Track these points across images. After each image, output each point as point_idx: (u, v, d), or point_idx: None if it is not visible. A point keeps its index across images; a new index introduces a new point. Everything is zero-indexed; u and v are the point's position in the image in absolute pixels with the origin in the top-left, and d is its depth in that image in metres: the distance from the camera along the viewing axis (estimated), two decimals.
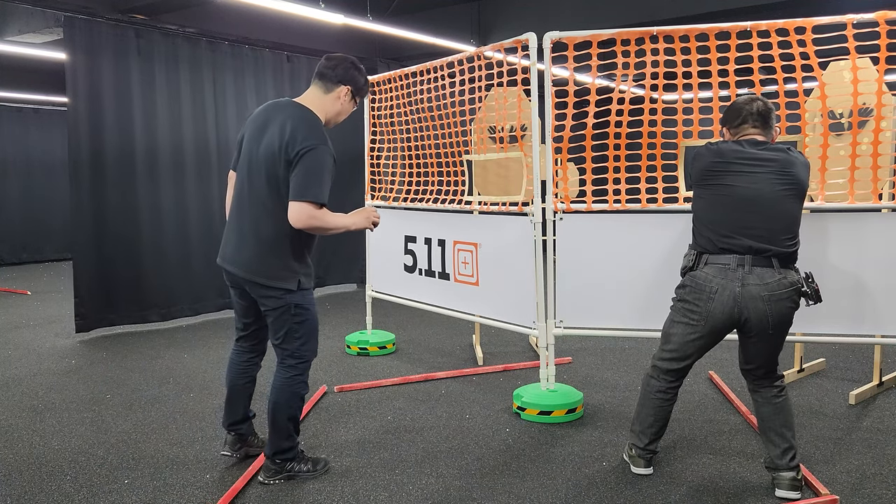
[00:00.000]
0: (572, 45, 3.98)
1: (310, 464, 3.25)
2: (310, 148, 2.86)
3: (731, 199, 2.94)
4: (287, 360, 3.12)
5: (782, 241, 2.91)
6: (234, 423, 3.36)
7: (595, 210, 4.07)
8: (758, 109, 3.02)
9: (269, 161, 2.93)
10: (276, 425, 3.11)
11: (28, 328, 6.55)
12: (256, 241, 2.99)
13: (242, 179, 3.06)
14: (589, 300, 4.07)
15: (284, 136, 2.90)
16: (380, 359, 5.37)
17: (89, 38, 6.02)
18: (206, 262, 6.92)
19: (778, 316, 2.90)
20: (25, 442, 3.70)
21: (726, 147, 3.01)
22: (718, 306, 2.92)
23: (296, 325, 3.08)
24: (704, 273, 2.96)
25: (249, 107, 7.25)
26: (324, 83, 3.10)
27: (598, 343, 5.78)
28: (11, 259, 11.28)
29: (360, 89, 3.17)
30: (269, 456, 3.15)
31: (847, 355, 5.27)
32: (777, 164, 2.93)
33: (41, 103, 11.43)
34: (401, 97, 5.26)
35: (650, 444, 3.21)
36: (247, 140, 3.08)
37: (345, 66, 3.13)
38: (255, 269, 3.00)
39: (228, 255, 3.09)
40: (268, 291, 3.01)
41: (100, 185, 6.15)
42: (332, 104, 3.10)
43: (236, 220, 3.07)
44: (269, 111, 3.06)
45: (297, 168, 2.86)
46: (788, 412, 3.03)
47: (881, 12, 3.50)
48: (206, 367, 5.14)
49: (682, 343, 3.06)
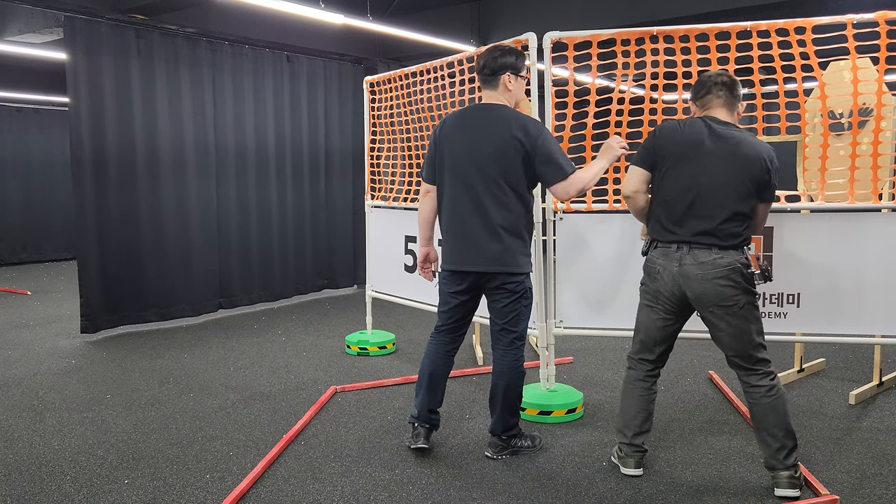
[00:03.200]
0: (572, 45, 3.99)
1: (529, 440, 3.50)
2: (541, 135, 3.18)
3: (679, 186, 3.02)
4: (514, 342, 3.34)
5: (726, 226, 2.96)
6: (432, 410, 3.49)
7: (595, 210, 4.08)
8: (722, 81, 3.07)
9: (502, 160, 3.17)
10: (507, 404, 3.37)
11: (28, 328, 6.55)
12: (504, 234, 3.22)
13: (464, 185, 3.25)
14: (589, 300, 4.07)
15: (515, 135, 3.15)
16: (380, 359, 5.37)
17: (89, 38, 6.02)
18: (207, 262, 6.93)
19: (713, 295, 2.95)
20: (25, 442, 3.70)
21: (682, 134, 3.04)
22: (663, 285, 3.06)
23: (525, 308, 3.33)
24: (652, 256, 3.13)
25: (248, 107, 7.25)
26: (490, 84, 3.31)
27: (598, 343, 5.78)
28: (11, 259, 11.28)
29: (517, 66, 3.30)
30: (499, 433, 3.42)
31: (847, 355, 5.27)
32: (725, 149, 2.97)
33: (41, 103, 11.43)
34: (401, 97, 5.26)
35: (636, 438, 3.20)
36: (454, 150, 3.29)
37: (493, 58, 3.28)
38: (506, 260, 3.23)
39: (472, 258, 3.27)
40: (511, 278, 3.25)
41: (102, 185, 6.15)
42: (507, 95, 3.31)
43: (466, 223, 3.26)
44: (471, 119, 3.29)
45: (543, 154, 3.16)
46: (779, 412, 2.98)
47: (881, 12, 3.50)
48: (206, 367, 5.14)
49: (647, 327, 3.18)
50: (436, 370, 3.47)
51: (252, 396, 4.43)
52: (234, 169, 7.19)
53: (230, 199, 7.17)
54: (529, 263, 3.32)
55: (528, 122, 3.21)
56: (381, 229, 5.51)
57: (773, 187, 3.03)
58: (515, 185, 3.21)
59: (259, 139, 7.38)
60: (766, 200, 3.06)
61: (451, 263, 3.34)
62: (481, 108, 3.32)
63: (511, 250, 3.23)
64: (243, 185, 7.28)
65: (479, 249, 3.25)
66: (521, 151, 3.17)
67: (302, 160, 7.88)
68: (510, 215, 3.22)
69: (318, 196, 8.14)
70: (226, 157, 7.10)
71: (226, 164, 7.10)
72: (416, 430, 3.47)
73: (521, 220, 3.26)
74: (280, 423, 3.93)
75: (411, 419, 3.53)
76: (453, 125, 3.34)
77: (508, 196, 3.21)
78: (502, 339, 3.34)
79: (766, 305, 3.83)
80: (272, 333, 6.27)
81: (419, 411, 3.48)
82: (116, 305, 6.28)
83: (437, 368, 3.47)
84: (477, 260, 3.26)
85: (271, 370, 5.05)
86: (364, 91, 5.68)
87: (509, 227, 3.23)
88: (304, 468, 3.34)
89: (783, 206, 3.79)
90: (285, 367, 5.13)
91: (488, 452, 3.44)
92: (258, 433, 3.79)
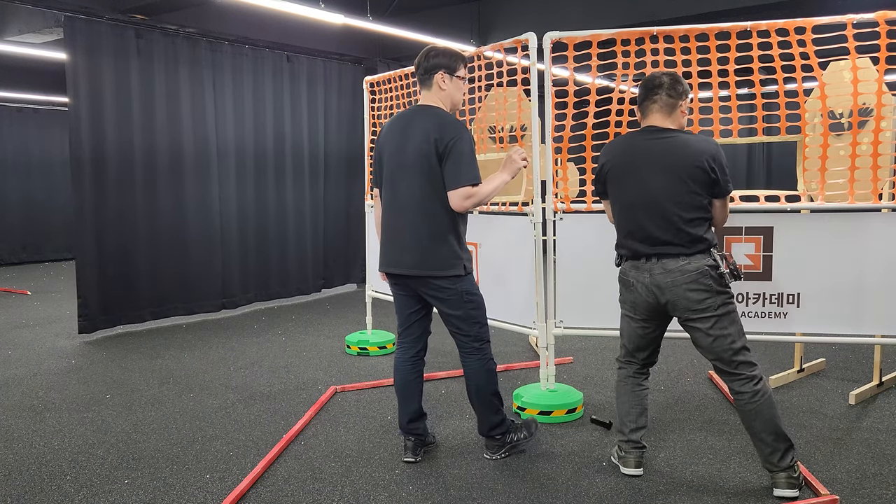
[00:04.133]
0: (572, 45, 3.99)
1: (523, 430, 3.49)
2: (454, 139, 3.11)
3: (623, 204, 3.09)
4: (472, 344, 3.31)
5: (682, 231, 2.97)
6: (412, 421, 3.43)
7: (595, 210, 4.07)
8: (658, 83, 3.07)
9: (421, 162, 3.14)
10: (482, 404, 3.35)
11: (28, 328, 6.55)
12: (425, 237, 3.19)
13: (394, 188, 3.25)
14: (589, 300, 4.07)
15: (430, 137, 3.11)
16: (380, 359, 5.37)
17: (89, 38, 6.02)
18: (205, 261, 6.93)
19: (685, 301, 2.96)
20: (25, 442, 3.70)
21: (613, 148, 3.14)
22: (638, 296, 3.09)
23: (472, 311, 3.27)
24: (624, 269, 3.17)
25: (248, 107, 7.25)
26: (425, 85, 3.28)
27: (598, 343, 5.78)
28: (11, 259, 11.28)
29: (451, 66, 3.27)
30: (487, 434, 3.41)
31: (847, 355, 5.27)
32: (658, 158, 3.00)
33: (41, 103, 11.43)
34: (401, 97, 5.26)
35: (633, 433, 3.22)
36: (388, 153, 3.29)
37: (427, 58, 3.26)
38: (429, 263, 3.19)
39: (397, 259, 3.26)
40: (441, 283, 3.20)
41: (101, 185, 6.15)
42: (441, 95, 3.28)
43: (395, 226, 3.26)
44: (403, 122, 3.26)
45: (449, 159, 3.10)
46: (765, 417, 2.94)
47: (881, 12, 3.50)
48: (206, 367, 5.14)
49: (629, 335, 3.22)
50: (404, 379, 3.43)
51: (252, 396, 4.43)
52: (234, 169, 7.19)
53: (230, 199, 7.17)
54: (460, 265, 3.21)
55: (447, 124, 3.15)
56: None
57: (721, 182, 2.98)
58: (438, 188, 3.15)
59: (259, 139, 7.39)
60: (719, 196, 3.02)
61: (382, 265, 3.35)
62: (412, 111, 3.29)
63: (434, 254, 3.18)
64: (243, 185, 7.28)
65: (402, 253, 3.24)
66: (435, 153, 3.12)
67: (302, 160, 7.88)
68: (433, 219, 3.17)
69: (318, 196, 8.14)
70: (226, 157, 7.10)
71: (226, 164, 7.10)
72: (405, 443, 3.46)
73: (444, 223, 3.18)
74: (280, 423, 3.93)
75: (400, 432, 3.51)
76: (388, 129, 3.33)
77: (432, 199, 3.16)
78: (461, 343, 3.32)
79: (766, 305, 3.83)
80: (272, 333, 6.27)
81: (399, 423, 3.47)
82: (114, 305, 6.28)
83: (405, 376, 3.43)
84: (400, 263, 3.25)
85: (271, 370, 5.05)
86: (364, 91, 5.68)
87: (432, 231, 3.17)
88: (304, 468, 3.34)
89: (783, 206, 3.79)
90: (285, 367, 5.14)
91: (486, 454, 3.44)
92: (258, 433, 3.79)
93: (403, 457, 3.42)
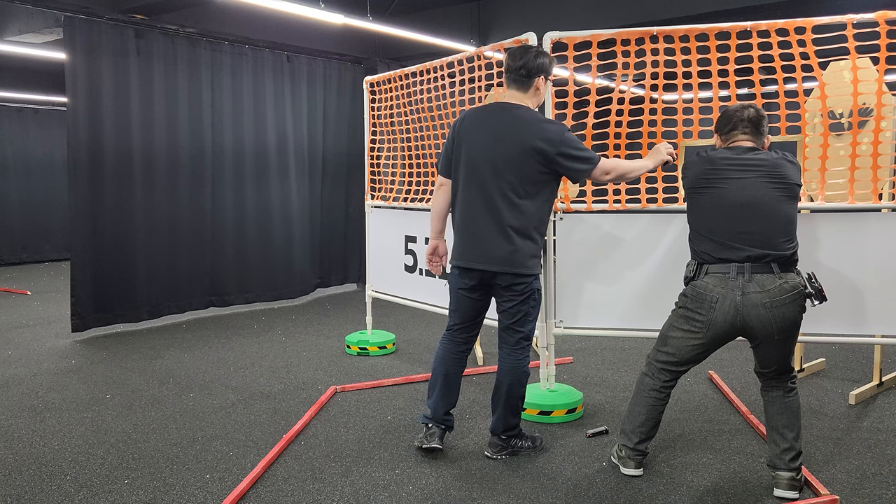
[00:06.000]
0: (572, 45, 3.98)
1: (529, 441, 3.50)
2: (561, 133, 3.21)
3: (726, 206, 2.96)
4: (520, 342, 3.35)
5: (780, 244, 2.92)
6: (448, 412, 3.47)
7: (595, 210, 4.07)
8: (748, 116, 3.04)
9: (520, 161, 3.18)
10: (509, 403, 3.37)
11: (28, 328, 6.55)
12: (515, 234, 3.22)
13: (480, 184, 3.26)
14: (589, 300, 4.07)
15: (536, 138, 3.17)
16: (380, 359, 5.37)
17: (89, 38, 6.02)
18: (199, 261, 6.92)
19: (781, 321, 2.89)
20: (25, 442, 3.70)
21: (716, 154, 3.04)
22: (720, 315, 2.93)
23: (532, 309, 3.33)
24: (705, 283, 2.97)
25: (248, 106, 7.25)
26: (520, 84, 3.30)
27: (598, 343, 5.78)
28: (11, 259, 11.27)
29: (550, 71, 3.36)
30: (499, 433, 3.42)
31: (847, 355, 5.27)
32: (767, 167, 2.95)
33: (41, 103, 11.43)
34: (401, 97, 5.26)
35: (640, 444, 3.19)
36: (472, 146, 3.29)
37: (533, 58, 3.28)
38: (516, 261, 3.23)
39: (483, 255, 3.27)
40: (518, 279, 3.25)
41: (99, 184, 6.15)
42: (535, 98, 3.34)
43: (480, 222, 3.27)
44: (494, 118, 3.28)
45: (566, 158, 3.20)
46: (793, 413, 3.02)
47: (881, 12, 3.50)
48: (206, 367, 5.14)
49: (680, 348, 3.08)
50: (450, 371, 3.46)
51: (252, 396, 4.43)
52: (234, 169, 7.18)
53: (230, 199, 7.16)
54: (539, 265, 3.32)
55: (549, 130, 3.21)
56: (382, 229, 5.51)
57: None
58: (530, 189, 3.22)
59: (259, 139, 7.38)
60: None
61: (460, 260, 3.35)
62: (503, 108, 3.29)
63: (520, 251, 3.23)
64: (243, 185, 7.28)
65: (487, 249, 3.25)
66: (542, 160, 3.18)
67: (302, 160, 7.88)
68: (521, 217, 3.22)
69: (318, 196, 8.14)
70: (226, 156, 7.09)
71: (226, 164, 7.10)
72: (431, 430, 3.45)
73: (531, 223, 3.25)
74: (280, 423, 3.93)
75: (424, 420, 3.51)
76: (473, 122, 3.33)
77: (521, 198, 3.21)
78: (508, 338, 3.35)
79: None
80: (272, 333, 6.27)
81: (433, 412, 3.46)
82: (109, 304, 6.27)
83: (451, 369, 3.46)
84: (485, 259, 3.26)
85: (271, 370, 5.05)
86: (364, 91, 5.68)
87: (519, 228, 3.22)
88: (304, 468, 3.34)
89: None
90: (285, 367, 5.13)
91: (488, 452, 3.44)
92: (258, 433, 3.79)
93: (428, 443, 3.40)
